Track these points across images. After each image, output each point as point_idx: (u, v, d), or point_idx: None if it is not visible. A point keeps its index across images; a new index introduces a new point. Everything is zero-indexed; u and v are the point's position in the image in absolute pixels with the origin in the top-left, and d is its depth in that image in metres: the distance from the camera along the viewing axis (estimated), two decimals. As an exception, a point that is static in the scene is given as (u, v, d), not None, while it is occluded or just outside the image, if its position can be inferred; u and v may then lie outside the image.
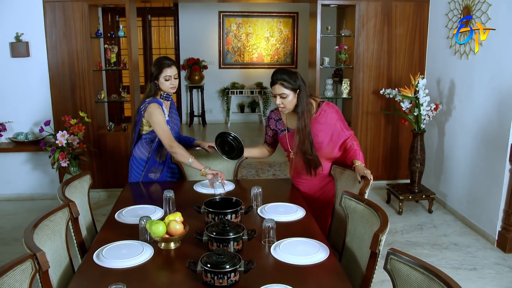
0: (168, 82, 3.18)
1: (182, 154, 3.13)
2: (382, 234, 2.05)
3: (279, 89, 2.89)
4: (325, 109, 3.01)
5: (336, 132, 3.03)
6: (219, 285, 1.91)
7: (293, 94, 2.90)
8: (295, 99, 2.91)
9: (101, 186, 5.36)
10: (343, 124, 3.07)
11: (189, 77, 9.43)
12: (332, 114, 3.03)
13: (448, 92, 4.91)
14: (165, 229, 2.25)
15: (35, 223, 2.09)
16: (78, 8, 5.00)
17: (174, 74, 3.20)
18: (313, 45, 5.48)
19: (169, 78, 3.18)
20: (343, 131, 3.06)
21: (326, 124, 2.99)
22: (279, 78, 2.88)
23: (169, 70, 3.17)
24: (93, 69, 5.15)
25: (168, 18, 9.48)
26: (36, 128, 5.10)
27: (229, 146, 3.27)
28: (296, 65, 9.84)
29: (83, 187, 2.85)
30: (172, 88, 3.21)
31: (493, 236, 4.16)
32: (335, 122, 3.02)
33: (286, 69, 2.95)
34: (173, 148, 3.14)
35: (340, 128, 3.04)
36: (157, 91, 3.25)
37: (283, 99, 2.91)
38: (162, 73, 3.16)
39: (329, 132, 3.00)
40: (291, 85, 2.88)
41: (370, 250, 2.11)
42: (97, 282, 1.96)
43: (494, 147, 4.14)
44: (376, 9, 5.35)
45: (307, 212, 2.76)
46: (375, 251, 2.07)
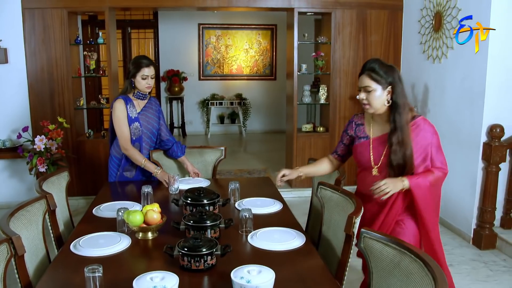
0: (144, 81, 3.22)
1: (135, 158, 3.26)
2: (356, 217, 2.10)
3: (365, 80, 2.39)
4: (419, 123, 2.39)
5: (424, 158, 2.40)
6: (196, 268, 1.92)
7: (381, 89, 2.36)
8: (383, 97, 2.36)
9: (80, 193, 5.32)
10: (436, 154, 2.41)
11: (169, 88, 9.46)
12: (427, 133, 2.38)
13: (422, 96, 5.04)
14: (142, 218, 2.26)
15: (11, 212, 2.09)
16: (57, 15, 5.02)
17: (151, 74, 3.24)
18: (291, 54, 5.58)
19: (146, 77, 3.22)
20: (433, 163, 2.42)
21: (416, 143, 2.37)
22: (368, 67, 2.38)
23: (147, 69, 3.21)
24: (72, 76, 5.15)
25: (148, 30, 9.54)
26: (14, 134, 5.05)
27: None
28: (275, 77, 9.96)
29: (60, 183, 2.84)
30: (147, 87, 3.26)
31: (468, 234, 4.25)
32: (428, 144, 2.39)
33: (381, 60, 2.41)
34: (127, 151, 3.26)
35: (431, 153, 2.40)
36: (132, 89, 3.29)
37: (368, 94, 2.38)
38: (140, 72, 3.20)
39: (417, 153, 2.38)
40: (381, 77, 2.35)
41: (345, 234, 2.15)
42: (74, 269, 1.95)
43: (467, 146, 4.25)
44: (352, 17, 5.49)
45: (284, 205, 2.80)
46: (349, 233, 2.11)
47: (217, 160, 3.65)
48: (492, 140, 3.96)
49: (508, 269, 3.74)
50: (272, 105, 9.95)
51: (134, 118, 3.26)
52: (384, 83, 2.35)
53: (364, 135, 2.55)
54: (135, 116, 3.27)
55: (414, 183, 2.34)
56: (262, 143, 9.17)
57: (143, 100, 3.35)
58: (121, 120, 3.24)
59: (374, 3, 5.52)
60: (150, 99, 3.42)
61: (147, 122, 3.35)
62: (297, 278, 1.90)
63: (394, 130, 2.36)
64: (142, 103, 3.35)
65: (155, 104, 3.45)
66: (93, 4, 5.16)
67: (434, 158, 2.40)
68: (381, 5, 5.53)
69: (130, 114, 3.25)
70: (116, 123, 3.25)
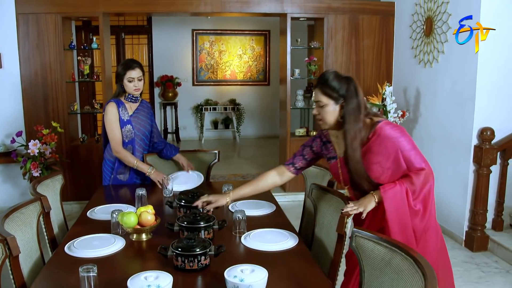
0: (131, 83, 3.25)
1: (127, 160, 3.30)
2: (348, 217, 2.13)
3: (317, 94, 2.22)
4: (378, 132, 2.14)
5: (397, 167, 2.15)
6: (190, 268, 1.94)
7: (333, 104, 2.17)
8: (336, 112, 2.18)
9: (74, 198, 5.31)
10: (411, 157, 2.13)
11: (163, 94, 9.48)
12: (390, 140, 2.12)
13: (414, 100, 5.10)
14: (136, 220, 2.28)
15: (5, 213, 2.10)
16: (51, 20, 5.04)
17: (138, 76, 3.26)
18: (284, 59, 5.62)
19: (132, 79, 3.24)
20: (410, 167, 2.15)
21: (380, 154, 2.14)
22: (320, 80, 2.22)
23: (133, 72, 3.24)
24: (66, 81, 5.17)
25: (141, 36, 9.56)
26: (7, 139, 5.05)
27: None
28: (268, 82, 10.01)
29: (54, 186, 2.85)
30: (136, 90, 3.28)
31: (460, 237, 4.29)
32: (395, 151, 2.12)
33: (336, 72, 2.22)
34: (118, 153, 3.29)
35: (403, 159, 2.13)
36: (123, 92, 3.32)
37: (320, 109, 2.21)
38: (126, 75, 3.23)
39: (386, 165, 2.15)
40: (332, 91, 2.16)
41: (337, 234, 2.18)
42: (68, 270, 1.96)
43: (458, 149, 4.30)
44: (344, 22, 5.55)
45: (277, 207, 2.83)
46: (341, 233, 2.14)
47: (210, 163, 3.67)
48: (483, 143, 4.01)
49: (500, 270, 3.78)
50: (266, 110, 9.99)
51: (126, 120, 3.29)
52: (337, 97, 2.16)
53: (334, 154, 2.37)
54: (127, 119, 3.30)
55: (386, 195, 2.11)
56: (255, 148, 9.19)
57: (135, 103, 3.39)
58: (113, 123, 3.27)
59: (366, 9, 5.58)
60: (142, 102, 3.46)
61: (139, 125, 3.38)
62: (290, 277, 1.93)
63: (346, 149, 2.18)
64: (134, 106, 3.38)
65: (146, 107, 3.49)
66: (87, 10, 5.18)
67: (408, 162, 2.14)
68: (373, 10, 5.59)
69: (122, 116, 3.28)
70: (108, 126, 3.29)
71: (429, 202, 2.18)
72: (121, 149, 3.29)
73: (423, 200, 2.16)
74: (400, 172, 2.15)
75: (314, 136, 2.51)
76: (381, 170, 2.16)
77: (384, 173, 2.16)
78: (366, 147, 2.17)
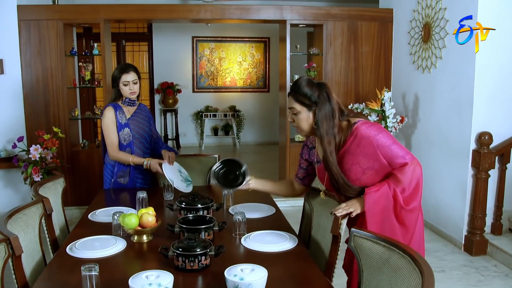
0: (126, 87, 3.29)
1: (124, 160, 3.33)
2: (342, 218, 2.15)
3: (290, 102, 2.24)
4: (355, 133, 2.15)
5: (378, 166, 2.15)
6: (190, 268, 1.96)
7: (307, 111, 2.19)
8: (310, 119, 2.20)
9: (74, 203, 5.33)
10: (391, 152, 2.12)
11: (163, 100, 9.51)
12: (367, 139, 2.12)
13: (413, 106, 5.13)
14: (137, 221, 2.30)
15: (8, 214, 2.13)
16: (53, 27, 5.09)
17: (133, 79, 3.30)
18: (284, 65, 5.66)
19: (127, 83, 3.28)
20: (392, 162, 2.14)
21: (360, 154, 2.15)
22: (293, 88, 2.24)
23: (127, 75, 3.28)
24: (67, 87, 5.20)
25: (142, 43, 9.62)
26: (9, 145, 5.08)
27: (233, 175, 2.64)
28: (268, 89, 10.05)
29: (56, 188, 2.88)
30: (131, 93, 3.31)
31: (460, 241, 4.30)
32: (373, 150, 2.12)
33: (309, 79, 2.24)
34: (114, 156, 3.34)
35: (383, 159, 2.13)
36: (120, 96, 3.37)
37: (295, 116, 2.24)
38: (121, 79, 3.28)
39: (366, 165, 2.15)
40: (304, 97, 2.18)
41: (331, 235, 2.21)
42: (70, 270, 1.99)
43: (456, 154, 4.33)
44: (343, 28, 5.60)
45: (277, 210, 2.85)
46: (336, 234, 2.16)
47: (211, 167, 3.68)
48: (481, 147, 4.04)
49: (499, 274, 3.79)
50: (266, 117, 10.03)
51: (124, 124, 3.33)
52: (309, 104, 2.18)
53: (318, 159, 2.36)
54: (125, 122, 3.33)
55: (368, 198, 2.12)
56: (255, 154, 9.22)
57: (133, 107, 3.43)
58: (109, 127, 3.32)
59: (365, 15, 5.64)
60: (140, 105, 3.50)
61: (138, 127, 3.41)
62: (289, 277, 1.95)
63: (323, 158, 2.21)
64: (132, 109, 3.42)
65: (144, 110, 3.53)
66: (88, 16, 5.24)
67: (389, 158, 2.12)
68: (372, 17, 5.64)
69: (120, 120, 3.32)
70: (105, 129, 3.34)
71: (419, 195, 2.17)
72: (116, 152, 3.33)
73: (414, 195, 2.14)
74: (383, 171, 2.15)
75: (303, 144, 2.54)
76: (361, 170, 2.16)
77: (365, 173, 2.16)
78: (344, 149, 2.18)
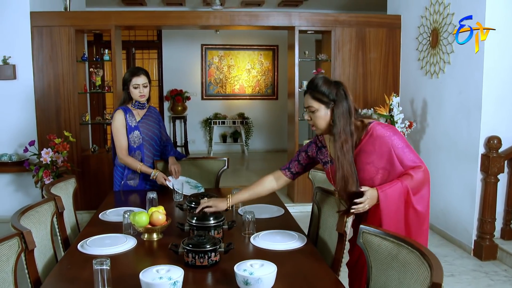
0: (136, 90, 3.33)
1: (132, 166, 3.38)
2: (347, 216, 2.16)
3: (308, 100, 2.24)
4: (371, 132, 2.17)
5: (392, 166, 2.16)
6: (200, 264, 1.98)
7: (325, 108, 2.19)
8: (328, 116, 2.20)
9: (84, 208, 5.37)
10: (404, 154, 2.15)
11: (172, 108, 9.58)
12: (382, 139, 2.14)
13: (421, 111, 5.14)
14: (148, 219, 2.33)
15: (21, 211, 2.16)
16: (65, 33, 5.17)
17: (143, 82, 3.34)
18: (292, 73, 5.70)
19: (137, 86, 3.32)
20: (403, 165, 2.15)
21: (374, 153, 2.16)
22: (310, 85, 2.23)
23: (138, 78, 3.32)
24: (78, 92, 5.27)
25: (151, 51, 9.72)
26: (20, 149, 5.14)
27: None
28: (277, 96, 10.09)
29: (67, 188, 2.92)
30: (141, 96, 3.35)
31: (469, 246, 4.28)
32: (388, 149, 2.14)
33: (325, 77, 2.24)
34: (123, 159, 3.38)
35: (396, 160, 2.14)
36: (130, 100, 3.41)
37: (312, 114, 2.23)
38: (132, 81, 3.32)
39: (380, 165, 2.16)
40: (323, 96, 2.17)
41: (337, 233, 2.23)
42: (81, 266, 2.01)
43: (465, 158, 4.32)
44: (351, 35, 5.63)
45: (286, 211, 2.87)
46: (341, 232, 2.17)
47: (220, 170, 3.72)
48: (490, 151, 4.03)
49: (509, 279, 3.77)
50: (274, 124, 10.06)
51: (134, 126, 3.37)
52: (327, 102, 2.17)
53: (328, 158, 2.35)
54: (135, 125, 3.37)
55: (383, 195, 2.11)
56: (264, 161, 9.24)
57: (143, 110, 3.47)
58: (119, 130, 3.36)
59: (373, 22, 5.67)
60: (150, 108, 3.53)
61: (147, 130, 3.45)
62: (298, 273, 1.96)
63: (337, 156, 2.18)
64: (141, 112, 3.46)
65: (154, 113, 3.57)
66: (99, 23, 5.32)
67: (401, 160, 2.14)
68: (380, 23, 5.67)
69: (130, 123, 3.36)
70: (114, 132, 3.39)
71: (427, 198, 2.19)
72: (125, 156, 3.37)
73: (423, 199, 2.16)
74: (395, 173, 2.15)
75: (310, 141, 2.52)
76: (375, 170, 2.16)
77: (378, 173, 2.16)
78: (358, 148, 2.18)
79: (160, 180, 3.30)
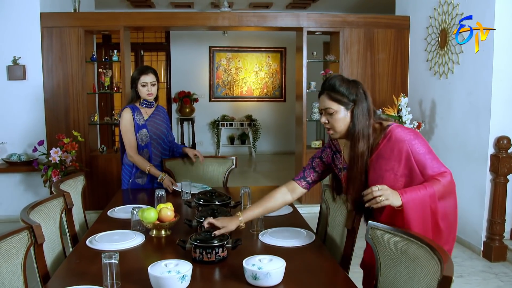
0: (144, 88, 3.34)
1: (141, 166, 3.39)
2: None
3: (325, 101, 2.04)
4: (390, 136, 1.98)
5: (411, 173, 1.96)
6: (208, 260, 1.98)
7: (344, 110, 2.01)
8: (348, 118, 2.02)
9: (92, 207, 5.38)
10: (426, 161, 1.95)
11: (180, 109, 9.62)
12: (402, 143, 1.94)
13: (430, 112, 5.11)
14: (156, 215, 2.33)
15: (31, 206, 2.17)
16: (74, 34, 5.21)
17: (151, 81, 3.35)
18: (300, 74, 5.70)
19: (145, 84, 3.34)
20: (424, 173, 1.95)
21: (393, 159, 1.97)
22: (327, 86, 2.04)
23: (146, 77, 3.34)
24: (87, 92, 5.31)
25: (160, 53, 9.76)
26: (29, 149, 5.18)
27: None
28: (284, 99, 10.10)
29: (76, 186, 2.93)
30: (149, 95, 3.37)
31: (478, 247, 4.24)
32: (407, 155, 1.94)
33: (342, 76, 2.07)
34: (132, 158, 3.39)
35: (416, 167, 1.95)
36: (137, 98, 3.42)
37: (329, 116, 2.05)
38: (140, 80, 3.34)
39: (400, 172, 1.96)
40: (342, 96, 2.00)
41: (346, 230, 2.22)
42: (90, 261, 2.02)
43: (475, 159, 4.29)
44: (359, 35, 5.62)
45: (294, 209, 2.86)
46: (350, 228, 2.16)
47: (228, 169, 3.73)
48: (500, 151, 4.00)
49: (519, 280, 3.74)
50: (282, 126, 10.06)
51: (142, 125, 3.38)
52: (347, 103, 2.00)
53: (344, 165, 2.18)
54: (143, 123, 3.38)
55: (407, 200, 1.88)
56: (271, 163, 9.23)
57: (150, 108, 3.48)
58: (127, 128, 3.37)
59: (381, 23, 5.66)
60: (158, 107, 3.55)
61: (155, 128, 3.46)
62: (307, 269, 1.96)
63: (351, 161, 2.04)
64: (149, 111, 3.47)
65: (162, 111, 3.59)
66: (108, 23, 5.36)
67: (423, 167, 1.94)
68: (388, 24, 5.66)
69: (138, 121, 3.37)
70: (123, 131, 3.40)
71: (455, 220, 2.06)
72: (134, 154, 3.38)
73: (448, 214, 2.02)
74: (416, 180, 1.95)
75: (323, 147, 2.35)
76: (394, 177, 1.96)
77: (397, 181, 1.96)
78: (377, 153, 2.01)
79: (166, 184, 3.30)
